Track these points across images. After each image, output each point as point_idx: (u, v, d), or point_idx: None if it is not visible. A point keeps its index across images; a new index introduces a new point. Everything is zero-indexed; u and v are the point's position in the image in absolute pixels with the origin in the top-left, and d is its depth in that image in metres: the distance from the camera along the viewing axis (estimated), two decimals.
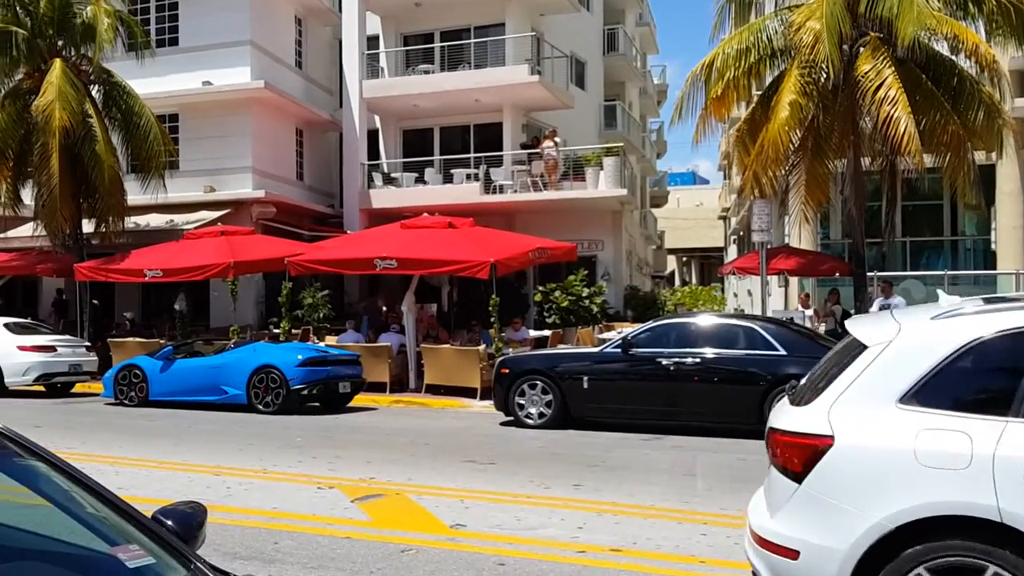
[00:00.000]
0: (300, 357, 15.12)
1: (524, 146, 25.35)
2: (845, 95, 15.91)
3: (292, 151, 26.26)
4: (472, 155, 25.38)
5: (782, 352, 12.33)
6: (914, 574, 3.89)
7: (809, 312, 18.90)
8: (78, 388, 19.03)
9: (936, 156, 15.54)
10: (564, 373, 13.12)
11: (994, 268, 20.38)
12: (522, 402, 13.26)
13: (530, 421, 13.08)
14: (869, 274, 17.33)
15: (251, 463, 10.02)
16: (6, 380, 17.51)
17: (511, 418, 13.36)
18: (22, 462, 2.63)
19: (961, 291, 20.84)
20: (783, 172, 16.96)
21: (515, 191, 24.09)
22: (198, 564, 2.57)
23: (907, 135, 14.19)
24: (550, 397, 13.11)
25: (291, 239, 22.20)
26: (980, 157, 16.78)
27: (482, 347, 16.94)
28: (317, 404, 15.45)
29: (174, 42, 24.53)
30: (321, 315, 20.92)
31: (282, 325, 18.59)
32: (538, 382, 13.20)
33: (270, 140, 24.78)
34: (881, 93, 14.56)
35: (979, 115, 15.85)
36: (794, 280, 21.77)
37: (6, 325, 18.42)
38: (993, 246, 20.54)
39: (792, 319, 16.61)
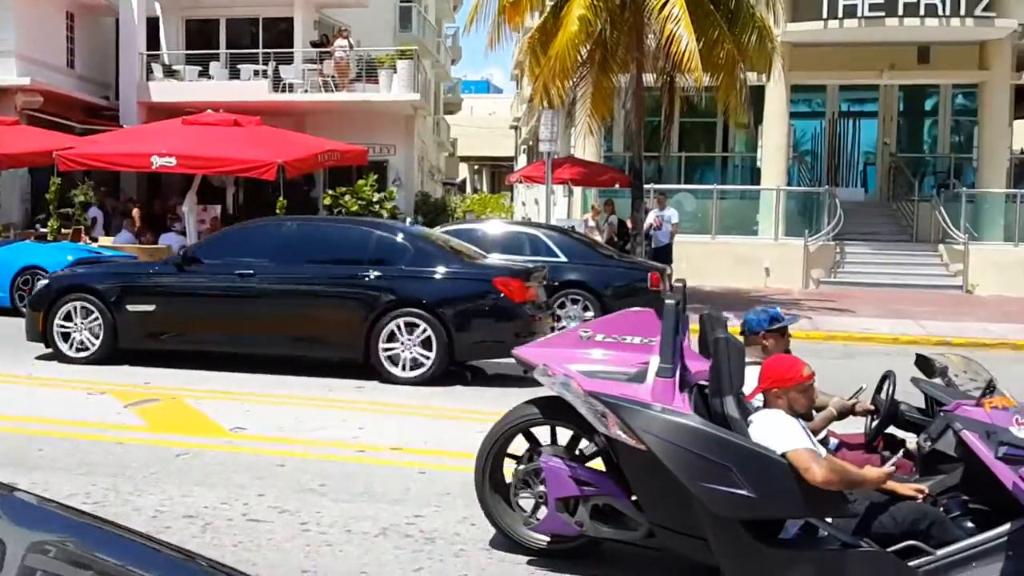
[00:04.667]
0: (71, 258, 14.29)
1: (315, 44, 24.54)
2: (632, 11, 16.38)
3: (62, 36, 24.20)
4: (261, 51, 24.29)
5: (563, 259, 12.92)
6: None
7: (592, 222, 19.58)
8: None
9: (712, 75, 16.38)
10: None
11: (758, 184, 21.87)
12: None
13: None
14: (646, 186, 18.19)
15: (12, 368, 9.48)
16: None
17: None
18: None
19: (728, 205, 22.33)
20: (571, 84, 17.35)
21: (305, 91, 23.36)
22: None
23: (688, 52, 14.83)
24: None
25: (61, 132, 20.65)
26: (751, 78, 17.79)
27: None
28: None
29: None
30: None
31: (50, 224, 17.42)
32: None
33: (35, 22, 22.72)
34: (666, 11, 15.08)
35: (752, 37, 16.75)
36: (585, 192, 22.48)
37: None
38: (759, 164, 21.97)
39: (573, 228, 17.29)
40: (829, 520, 4.15)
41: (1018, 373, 8.96)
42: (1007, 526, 3.91)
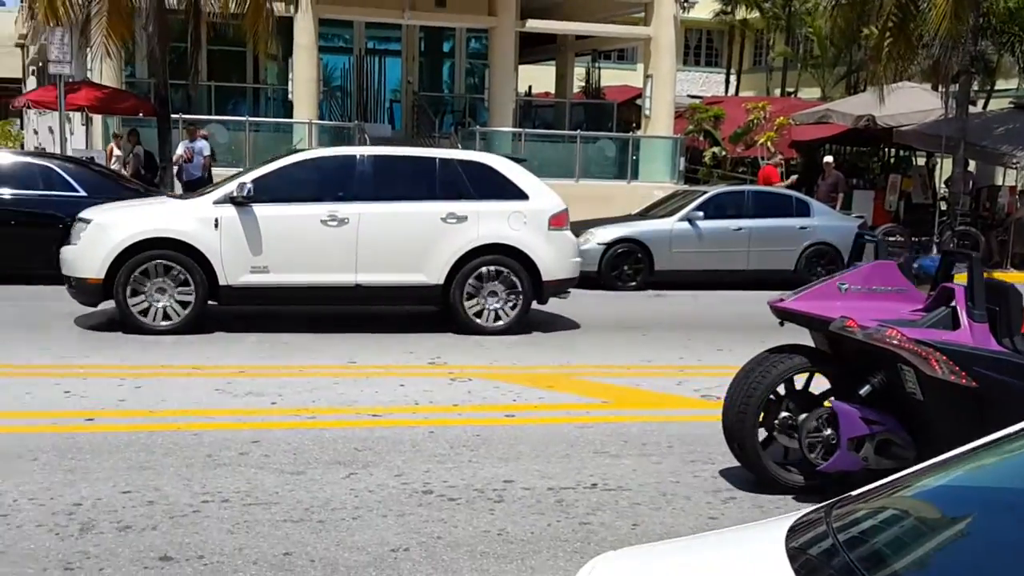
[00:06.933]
0: None
1: None
2: None
3: None
4: None
5: (83, 193, 12.03)
6: None
7: (119, 152, 18.31)
8: None
9: (238, 2, 16.00)
10: None
11: (291, 117, 21.87)
12: None
13: None
14: (174, 116, 17.39)
15: None
16: None
17: None
18: None
19: (264, 138, 22.14)
20: (83, 0, 15.96)
21: None
22: None
23: None
24: None
25: None
26: (280, 9, 17.65)
27: None
28: None
29: None
30: None
31: None
32: None
33: None
34: None
35: None
36: (106, 120, 20.80)
37: None
38: (290, 96, 21.94)
39: (93, 159, 16.13)
40: None
41: None
42: None
